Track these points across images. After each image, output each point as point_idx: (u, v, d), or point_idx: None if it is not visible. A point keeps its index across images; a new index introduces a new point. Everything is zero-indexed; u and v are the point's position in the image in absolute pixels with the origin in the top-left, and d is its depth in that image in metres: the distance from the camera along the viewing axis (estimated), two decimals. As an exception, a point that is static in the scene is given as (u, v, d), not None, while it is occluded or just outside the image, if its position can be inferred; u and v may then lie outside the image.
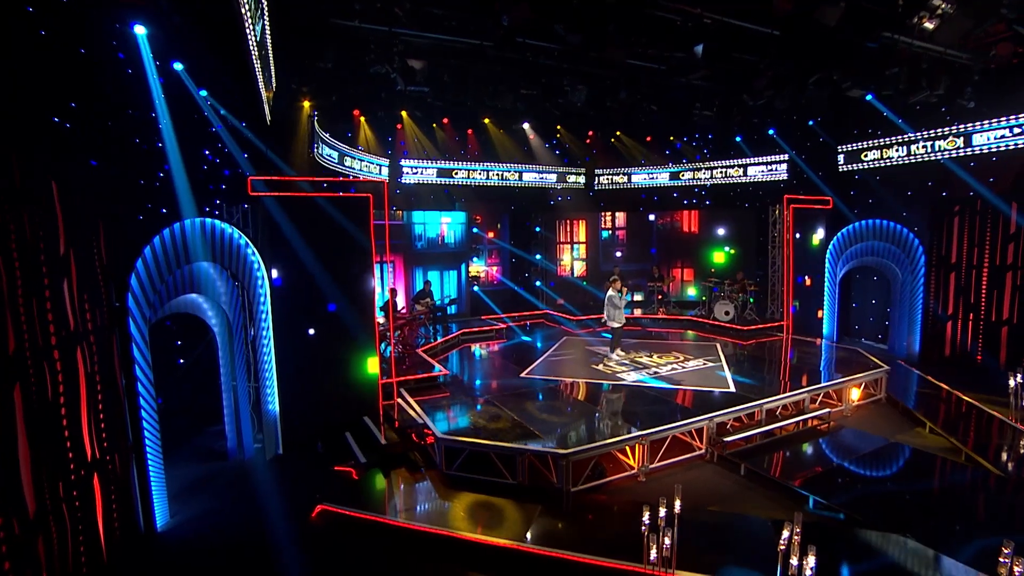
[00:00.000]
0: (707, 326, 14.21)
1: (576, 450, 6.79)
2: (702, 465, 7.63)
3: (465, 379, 10.61)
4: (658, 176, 17.19)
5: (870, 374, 9.75)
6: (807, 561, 4.35)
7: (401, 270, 14.96)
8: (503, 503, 6.44)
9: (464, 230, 16.16)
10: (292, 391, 8.35)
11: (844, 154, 13.61)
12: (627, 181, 17.53)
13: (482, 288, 16.82)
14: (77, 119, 5.34)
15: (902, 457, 7.61)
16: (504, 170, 16.46)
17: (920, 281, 12.09)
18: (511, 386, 9.75)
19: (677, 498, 5.00)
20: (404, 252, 15.03)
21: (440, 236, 15.89)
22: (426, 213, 15.50)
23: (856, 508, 6.09)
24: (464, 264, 16.19)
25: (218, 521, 6.39)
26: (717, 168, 16.31)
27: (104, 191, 5.71)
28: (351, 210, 8.65)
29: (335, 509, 6.42)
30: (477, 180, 16.20)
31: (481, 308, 15.99)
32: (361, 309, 8.82)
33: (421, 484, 7.11)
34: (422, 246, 15.49)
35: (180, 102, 7.31)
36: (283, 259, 8.23)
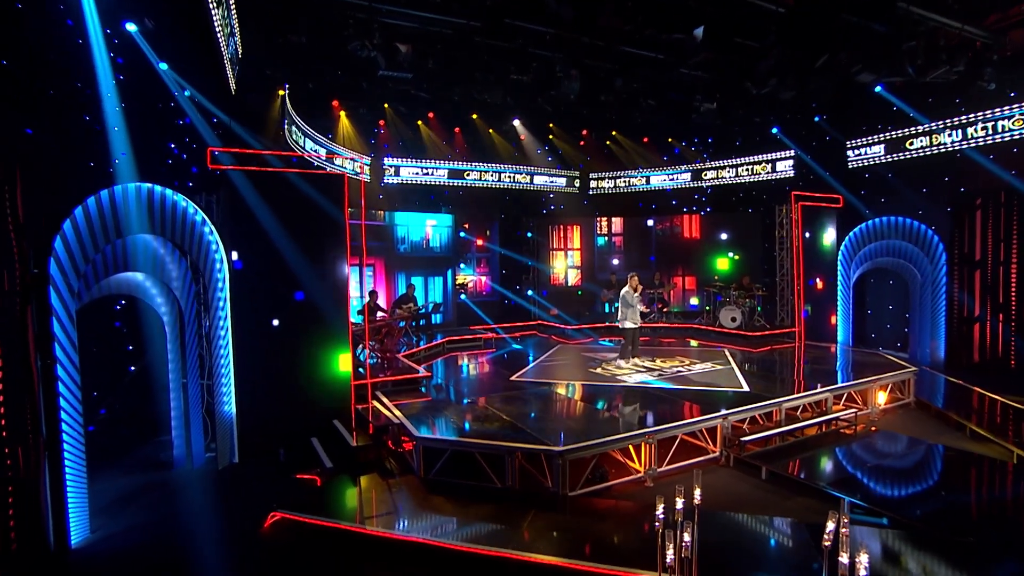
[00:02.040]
0: (712, 334, 13.62)
1: (573, 447, 6.09)
2: (716, 469, 6.95)
3: (449, 383, 9.92)
4: (656, 179, 16.86)
5: (897, 375, 9.16)
6: (860, 558, 3.66)
7: (382, 274, 14.34)
8: (489, 508, 5.71)
9: (451, 234, 15.63)
10: (251, 390, 7.62)
11: (854, 149, 13.32)
12: (624, 185, 17.19)
13: (471, 297, 16.21)
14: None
15: (949, 459, 6.94)
16: (494, 171, 16.07)
17: (942, 281, 11.62)
18: (500, 389, 9.17)
19: (697, 487, 4.32)
20: (386, 255, 14.43)
21: (425, 239, 15.33)
22: (410, 215, 14.98)
23: (902, 511, 5.41)
24: (450, 270, 15.60)
25: (145, 536, 5.58)
26: (718, 168, 16.00)
27: (21, 136, 5.11)
28: (325, 188, 8.09)
29: (292, 517, 5.67)
30: (465, 181, 15.78)
31: (469, 318, 15.34)
32: (333, 299, 8.17)
33: (395, 490, 6.38)
34: (405, 249, 14.92)
35: (131, 65, 6.80)
36: (245, 240, 7.61)
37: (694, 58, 11.16)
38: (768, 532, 5.26)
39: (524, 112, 15.25)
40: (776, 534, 5.20)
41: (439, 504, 5.92)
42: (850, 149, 13.40)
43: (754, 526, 5.40)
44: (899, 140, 12.47)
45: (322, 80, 11.66)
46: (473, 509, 5.72)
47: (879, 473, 6.56)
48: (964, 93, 11.05)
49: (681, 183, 16.65)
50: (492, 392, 8.92)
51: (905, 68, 9.45)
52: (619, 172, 17.27)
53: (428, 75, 11.95)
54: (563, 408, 8.03)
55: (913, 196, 12.33)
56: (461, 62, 11.58)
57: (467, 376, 10.55)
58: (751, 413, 7.50)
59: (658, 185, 16.87)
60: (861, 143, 13.19)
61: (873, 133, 12.94)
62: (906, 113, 12.18)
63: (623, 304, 10.18)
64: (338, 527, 5.41)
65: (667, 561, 4.10)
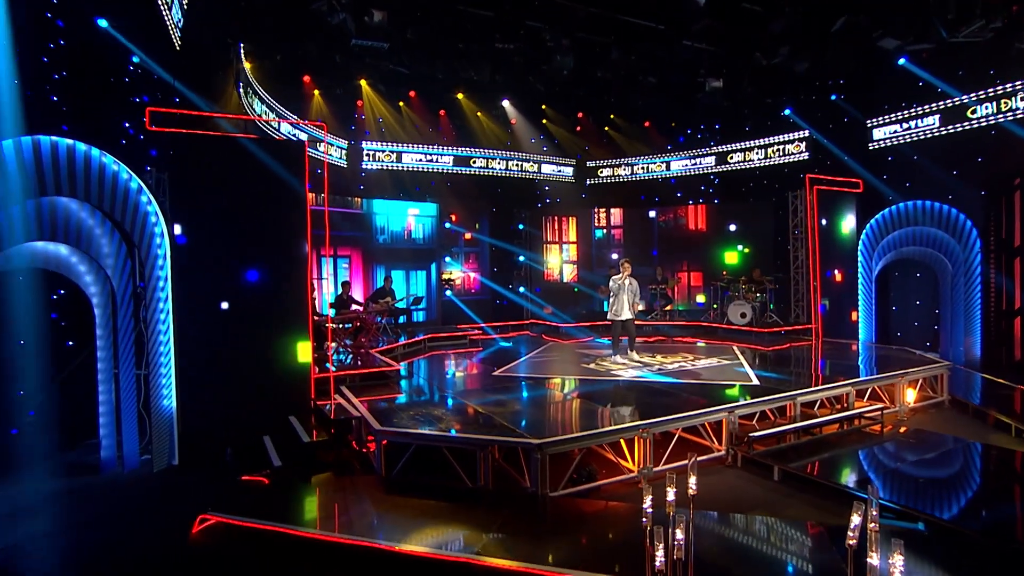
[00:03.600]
0: (720, 331, 13.10)
1: (554, 440, 5.58)
2: (722, 470, 6.43)
3: (425, 378, 9.41)
4: (659, 167, 16.43)
5: (928, 369, 8.64)
6: (894, 560, 3.13)
7: (359, 266, 13.86)
8: (455, 510, 5.20)
9: (435, 224, 15.18)
10: (195, 382, 7.09)
11: (876, 128, 12.89)
12: (624, 173, 16.77)
13: (458, 295, 15.71)
14: None
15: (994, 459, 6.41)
16: (483, 157, 15.66)
17: (976, 271, 11.12)
18: (480, 384, 8.80)
19: (692, 474, 3.80)
20: (363, 246, 13.96)
21: (406, 230, 14.87)
22: (390, 203, 14.53)
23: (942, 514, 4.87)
24: (435, 264, 15.13)
25: (38, 550, 5.03)
26: (726, 153, 15.56)
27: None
28: (283, 156, 7.61)
29: (225, 520, 5.13)
30: (451, 168, 15.37)
31: (456, 317, 14.83)
32: (291, 279, 7.67)
33: (350, 490, 5.85)
34: (384, 240, 14.45)
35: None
36: (190, 211, 7.12)
37: (696, 25, 10.76)
38: (780, 535, 4.73)
39: (514, 92, 14.87)
40: (790, 537, 4.67)
41: (398, 505, 5.41)
42: (871, 128, 12.97)
43: (764, 529, 4.87)
44: (926, 116, 12.03)
45: (290, 52, 11.27)
46: (436, 510, 5.20)
47: (912, 474, 6.01)
48: (999, 60, 10.62)
49: (685, 170, 16.21)
50: (471, 387, 8.53)
51: (933, 28, 9.00)
52: (619, 160, 16.85)
53: (407, 46, 11.58)
54: (547, 401, 7.54)
55: (942, 178, 11.86)
56: (443, 32, 11.20)
57: (446, 372, 10.06)
58: (761, 408, 6.98)
59: (661, 173, 16.44)
60: (883, 121, 12.76)
61: (896, 110, 12.51)
62: (934, 87, 11.76)
63: (612, 293, 9.71)
64: (274, 530, 4.88)
65: (656, 564, 3.56)
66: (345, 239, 13.58)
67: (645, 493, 3.76)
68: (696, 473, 3.82)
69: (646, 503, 3.74)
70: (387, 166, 14.62)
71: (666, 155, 16.46)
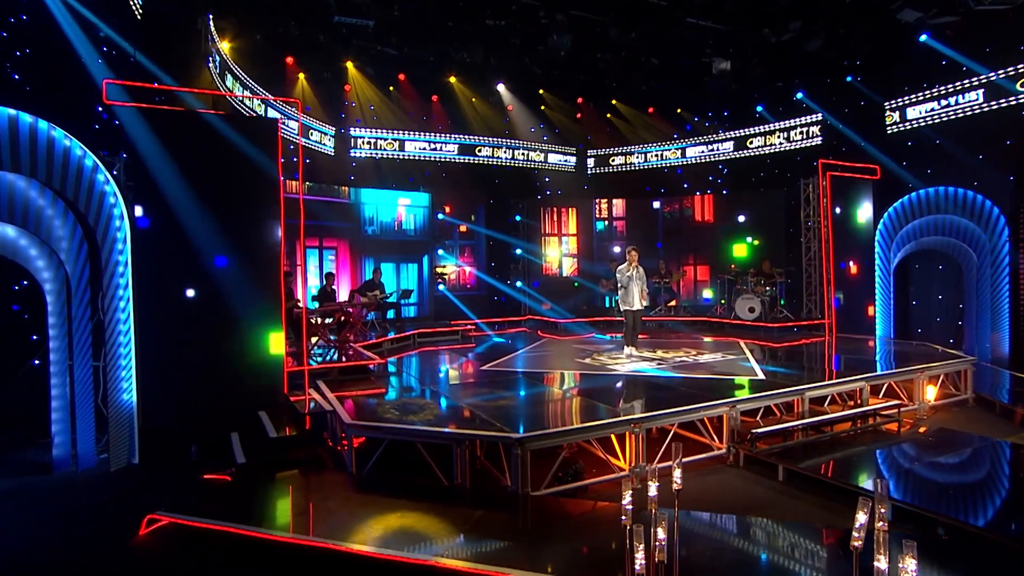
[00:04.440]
0: (728, 327, 12.76)
1: (535, 434, 5.28)
2: (722, 469, 6.13)
3: (410, 373, 9.16)
4: (664, 155, 16.11)
5: (950, 364, 8.29)
6: (906, 564, 2.82)
7: (346, 258, 13.62)
8: (425, 509, 4.91)
9: (427, 215, 14.93)
10: (158, 375, 6.87)
11: (895, 111, 12.51)
12: (629, 162, 16.46)
13: (452, 290, 15.46)
14: None
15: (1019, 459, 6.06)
16: (478, 144, 15.40)
17: (1004, 262, 10.71)
18: (467, 379, 8.62)
19: (677, 467, 3.50)
20: (350, 237, 13.72)
21: (397, 221, 14.63)
22: (379, 192, 14.28)
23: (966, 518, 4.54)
24: (427, 257, 14.87)
25: None
26: (735, 140, 15.22)
27: None
28: (254, 134, 7.37)
29: (175, 521, 4.87)
30: (445, 156, 15.12)
31: (450, 313, 14.55)
32: (263, 266, 7.43)
33: (318, 489, 5.60)
34: (373, 231, 14.21)
35: None
36: (153, 193, 6.88)
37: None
38: (782, 539, 4.41)
39: (510, 76, 14.60)
40: (792, 541, 4.35)
41: (364, 503, 5.14)
42: (890, 111, 12.60)
43: (764, 532, 4.56)
44: (949, 96, 11.64)
45: (270, 30, 11.04)
46: (404, 509, 4.91)
47: (930, 475, 5.68)
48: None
49: (693, 159, 15.87)
50: (456, 382, 8.31)
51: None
52: (622, 148, 16.53)
53: (393, 25, 11.33)
54: (535, 396, 7.26)
55: (967, 163, 11.46)
56: (430, 8, 10.94)
57: (433, 367, 9.81)
58: (766, 403, 6.66)
59: (667, 162, 16.11)
60: (903, 103, 12.37)
61: (918, 91, 12.13)
62: (958, 65, 11.37)
63: (619, 284, 9.43)
64: (225, 530, 4.61)
65: (635, 567, 3.26)
66: (332, 230, 13.35)
67: (624, 489, 3.47)
68: (681, 466, 3.52)
69: (625, 499, 3.45)
70: (377, 154, 14.38)
71: (672, 143, 16.13)
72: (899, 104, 12.48)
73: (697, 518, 4.79)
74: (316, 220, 12.91)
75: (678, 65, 13.63)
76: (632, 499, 3.45)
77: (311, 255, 13.02)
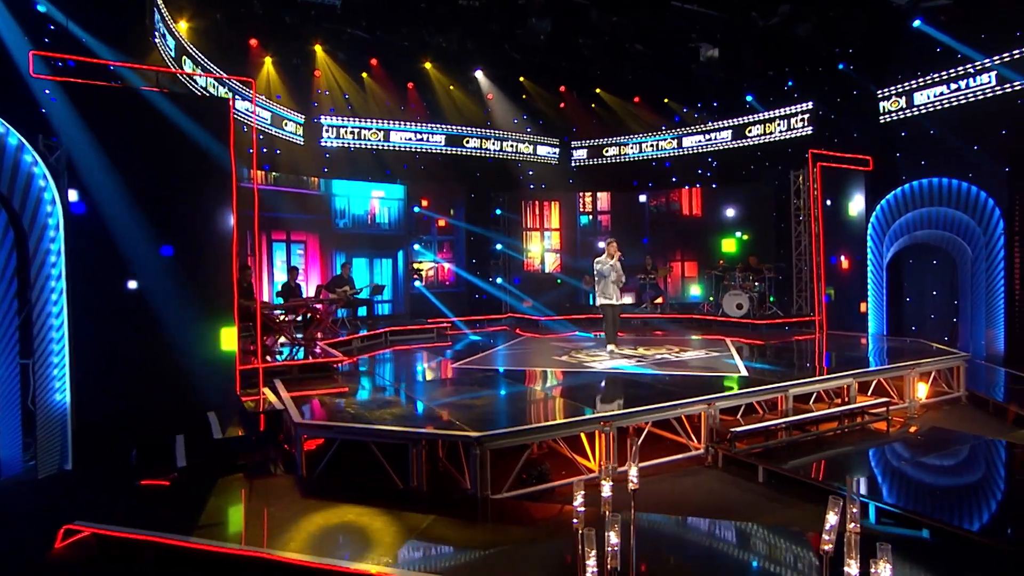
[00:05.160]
0: (715, 324, 12.58)
1: (495, 433, 5.05)
2: (699, 470, 5.92)
3: (376, 371, 8.91)
4: (651, 146, 15.94)
5: (941, 361, 8.15)
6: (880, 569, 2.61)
7: (316, 253, 13.32)
8: (375, 514, 4.67)
9: (402, 208, 14.65)
10: (95, 373, 6.53)
11: (887, 99, 12.39)
12: (612, 153, 16.28)
13: (431, 287, 15.20)
14: None
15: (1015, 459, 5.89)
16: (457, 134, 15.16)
17: (999, 256, 10.62)
18: (435, 377, 8.50)
19: (633, 464, 3.28)
20: (320, 231, 13.42)
21: (370, 214, 14.34)
22: (351, 184, 13.99)
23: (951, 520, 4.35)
24: (402, 252, 14.60)
25: None
26: (722, 130, 15.08)
27: None
28: (202, 115, 7.07)
29: (97, 531, 4.58)
30: (422, 146, 14.87)
31: (426, 311, 14.28)
32: (214, 256, 7.13)
33: (262, 493, 5.33)
34: (345, 225, 13.91)
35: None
36: (90, 176, 6.57)
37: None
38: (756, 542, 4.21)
39: (489, 62, 14.37)
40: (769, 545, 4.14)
41: (309, 508, 4.88)
42: (883, 100, 12.48)
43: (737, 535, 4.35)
44: (943, 84, 11.51)
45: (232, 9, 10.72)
46: (350, 515, 4.67)
47: (916, 475, 5.51)
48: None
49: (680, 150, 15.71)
50: (422, 380, 8.11)
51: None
52: (608, 139, 16.35)
53: (364, 6, 11.07)
54: (503, 394, 7.04)
55: (963, 154, 11.34)
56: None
57: (402, 365, 9.57)
58: (746, 400, 6.46)
59: (654, 153, 15.94)
60: (896, 91, 12.25)
61: (911, 79, 12.01)
62: (953, 52, 11.26)
63: (598, 277, 9.23)
64: (150, 540, 4.33)
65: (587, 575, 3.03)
66: (300, 222, 13.06)
67: (576, 490, 3.24)
68: (637, 462, 3.30)
69: (576, 501, 3.22)
70: (350, 143, 14.09)
71: (660, 134, 15.96)
72: (892, 93, 12.36)
73: (665, 522, 4.58)
74: (283, 212, 12.63)
75: (664, 52, 13.47)
76: (584, 501, 3.23)
77: (278, 249, 12.71)
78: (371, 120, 14.30)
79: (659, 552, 3.97)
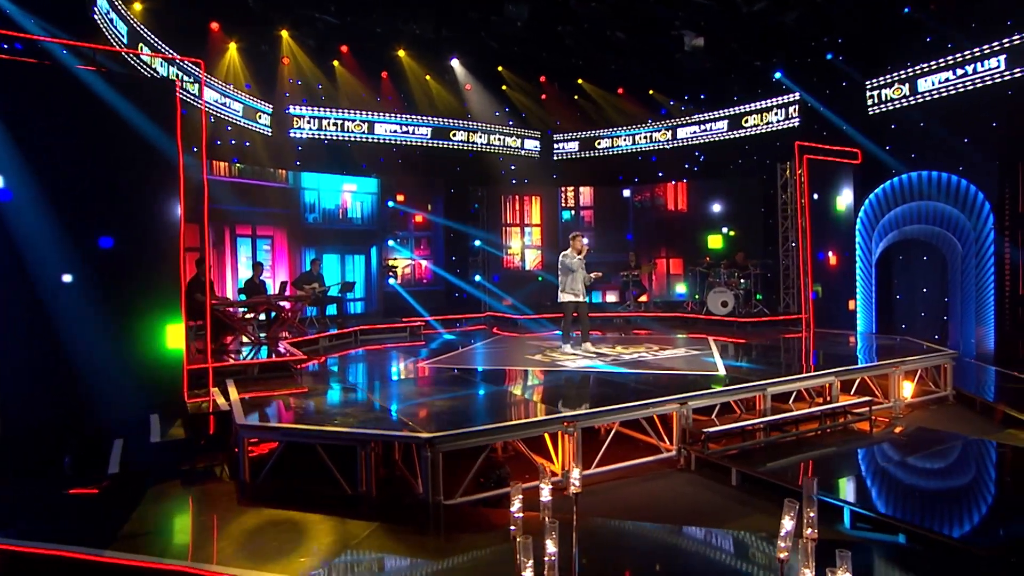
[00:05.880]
0: (700, 323, 12.42)
1: (449, 434, 4.83)
2: (670, 473, 5.73)
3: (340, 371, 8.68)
4: (635, 138, 15.79)
5: (927, 359, 8.01)
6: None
7: (284, 249, 13.04)
8: (317, 522, 4.43)
9: (376, 202, 14.41)
10: (24, 374, 6.24)
11: (877, 90, 12.28)
12: (595, 147, 16.12)
13: (407, 285, 14.96)
14: None
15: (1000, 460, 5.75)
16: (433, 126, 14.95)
17: (989, 251, 10.55)
18: (398, 376, 8.28)
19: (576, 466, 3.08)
20: (289, 226, 13.14)
21: (341, 208, 14.08)
22: (321, 177, 13.73)
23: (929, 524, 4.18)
24: (375, 248, 14.34)
25: None
26: (709, 121, 14.96)
27: None
28: (146, 98, 6.79)
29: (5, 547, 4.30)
30: (396, 138, 14.64)
31: (401, 309, 14.02)
32: (159, 248, 6.85)
33: (198, 501, 5.07)
34: (315, 219, 13.64)
35: None
36: (17, 160, 6.27)
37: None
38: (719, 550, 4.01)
39: (466, 51, 14.15)
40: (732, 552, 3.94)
41: (245, 517, 4.64)
42: (871, 90, 12.37)
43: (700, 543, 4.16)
44: (934, 74, 11.41)
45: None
46: (290, 523, 4.42)
47: (895, 477, 5.35)
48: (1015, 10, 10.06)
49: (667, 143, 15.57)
50: (385, 380, 7.93)
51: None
52: (591, 132, 16.18)
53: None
54: (466, 394, 6.81)
55: (953, 146, 11.26)
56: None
57: (367, 365, 9.35)
58: (722, 399, 6.29)
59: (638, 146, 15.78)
60: (885, 81, 12.15)
61: (901, 69, 11.90)
62: (943, 41, 11.18)
63: (561, 271, 9.05)
64: (62, 555, 4.07)
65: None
66: (267, 216, 12.77)
67: (514, 494, 3.03)
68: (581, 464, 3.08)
69: (514, 507, 3.00)
70: (323, 135, 13.83)
71: (645, 126, 15.81)
72: (881, 83, 12.26)
73: (625, 528, 4.38)
74: (248, 206, 12.34)
75: (647, 41, 13.31)
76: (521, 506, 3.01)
77: (243, 244, 12.42)
78: (344, 111, 14.04)
79: (613, 559, 3.77)
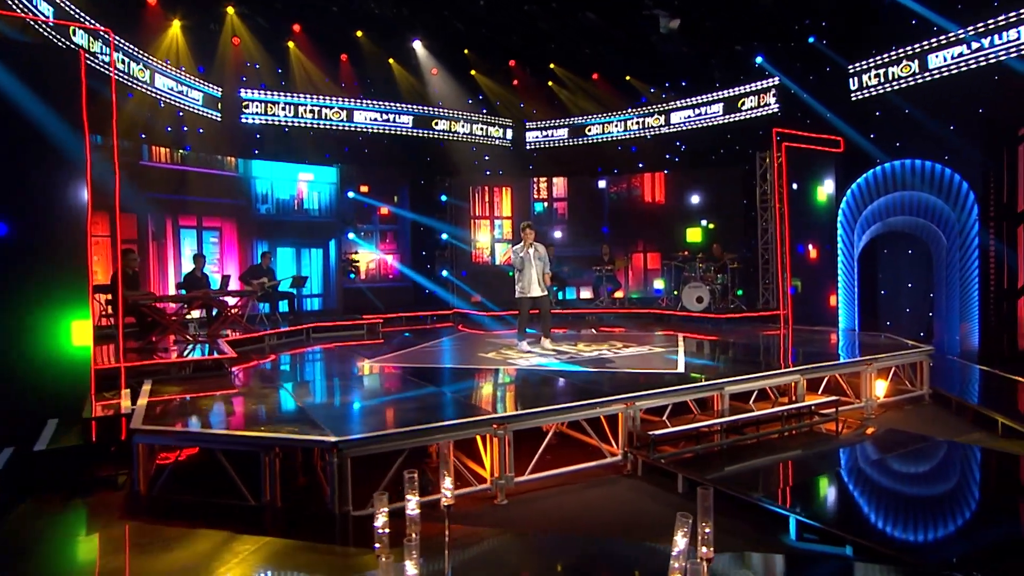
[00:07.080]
0: (674, 319, 12.15)
1: (359, 438, 4.50)
2: (616, 480, 5.44)
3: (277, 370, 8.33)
4: (610, 127, 15.50)
5: (900, 356, 7.76)
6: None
7: (234, 242, 12.63)
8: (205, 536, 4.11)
9: (334, 193, 14.03)
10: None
11: (859, 75, 12.04)
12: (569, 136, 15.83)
13: (371, 281, 14.59)
14: None
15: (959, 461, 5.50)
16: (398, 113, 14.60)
17: (973, 244, 10.32)
18: (334, 376, 8.03)
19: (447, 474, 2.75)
20: (238, 217, 12.74)
21: (296, 199, 13.69)
22: (274, 165, 13.33)
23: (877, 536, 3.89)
24: (334, 241, 13.96)
25: None
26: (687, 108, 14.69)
27: None
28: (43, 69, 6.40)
29: None
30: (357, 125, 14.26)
31: (363, 306, 13.64)
32: (62, 236, 6.46)
33: (77, 516, 4.71)
34: (267, 210, 13.24)
35: None
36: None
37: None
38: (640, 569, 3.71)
39: (429, 34, 13.80)
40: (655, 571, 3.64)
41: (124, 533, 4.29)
42: (854, 76, 12.14)
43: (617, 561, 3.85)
44: (918, 58, 11.18)
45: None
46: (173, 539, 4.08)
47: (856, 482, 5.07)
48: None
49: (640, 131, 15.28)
50: (319, 380, 7.66)
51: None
52: (564, 119, 15.89)
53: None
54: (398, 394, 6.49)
55: (938, 134, 10.99)
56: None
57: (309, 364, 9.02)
58: (672, 399, 5.98)
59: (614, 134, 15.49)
60: (869, 65, 11.91)
61: (885, 52, 11.66)
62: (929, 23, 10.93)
63: (516, 268, 8.79)
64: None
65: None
66: (214, 207, 12.36)
67: (378, 506, 2.70)
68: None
69: (378, 521, 2.67)
70: (274, 120, 13.42)
71: (622, 114, 15.52)
72: (864, 68, 12.01)
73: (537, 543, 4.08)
74: (192, 195, 11.94)
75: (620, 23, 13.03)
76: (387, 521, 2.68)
77: (187, 236, 12.00)
78: (299, 95, 13.65)
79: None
